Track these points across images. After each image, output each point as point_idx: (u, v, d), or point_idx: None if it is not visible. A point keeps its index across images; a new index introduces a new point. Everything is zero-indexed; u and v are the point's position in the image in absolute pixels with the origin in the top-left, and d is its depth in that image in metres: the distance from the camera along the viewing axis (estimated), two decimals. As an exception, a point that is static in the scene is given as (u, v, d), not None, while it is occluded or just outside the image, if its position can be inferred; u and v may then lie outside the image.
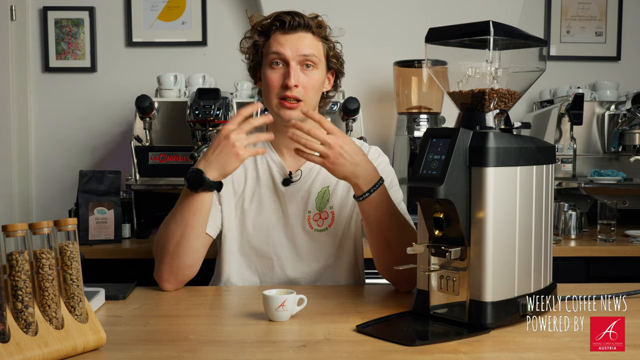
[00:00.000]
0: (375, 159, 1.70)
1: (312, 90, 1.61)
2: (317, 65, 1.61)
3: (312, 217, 1.66)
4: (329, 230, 1.67)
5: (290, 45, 1.59)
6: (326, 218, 1.67)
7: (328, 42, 1.66)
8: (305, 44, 1.59)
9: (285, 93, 1.58)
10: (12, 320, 1.04)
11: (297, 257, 1.67)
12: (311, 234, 1.66)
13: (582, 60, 3.20)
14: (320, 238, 1.67)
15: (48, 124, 3.12)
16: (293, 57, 1.58)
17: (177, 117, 2.62)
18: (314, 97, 1.63)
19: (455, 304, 1.28)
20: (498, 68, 1.31)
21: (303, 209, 1.66)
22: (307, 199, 1.66)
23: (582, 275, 2.39)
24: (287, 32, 1.60)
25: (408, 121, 2.76)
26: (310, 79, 1.60)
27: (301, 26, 1.60)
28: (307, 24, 1.60)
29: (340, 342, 1.18)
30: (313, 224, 1.66)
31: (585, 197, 2.68)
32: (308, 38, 1.61)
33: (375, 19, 3.01)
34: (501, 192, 1.23)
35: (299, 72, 1.59)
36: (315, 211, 1.66)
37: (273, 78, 1.60)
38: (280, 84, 1.59)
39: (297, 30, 1.60)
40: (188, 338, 1.20)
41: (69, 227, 1.13)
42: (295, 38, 1.59)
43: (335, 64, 1.69)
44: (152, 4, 3.08)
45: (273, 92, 1.60)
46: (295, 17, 1.60)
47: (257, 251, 1.67)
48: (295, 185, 1.66)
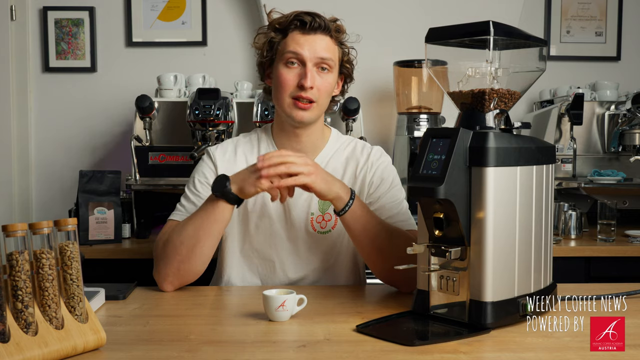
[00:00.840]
0: (377, 159, 1.70)
1: (325, 93, 1.61)
2: (332, 69, 1.61)
3: (315, 220, 1.66)
4: (332, 233, 1.66)
5: (309, 46, 1.58)
6: (329, 220, 1.66)
7: (344, 47, 1.65)
8: (323, 47, 1.59)
9: (300, 93, 1.57)
10: (12, 320, 1.04)
11: (299, 259, 1.66)
12: (314, 236, 1.66)
13: (582, 60, 3.21)
14: (323, 240, 1.66)
15: (48, 124, 3.12)
16: (310, 58, 1.57)
17: (177, 117, 2.62)
18: (325, 100, 1.62)
19: (455, 304, 1.28)
20: (498, 68, 1.31)
21: (306, 211, 1.66)
22: (310, 201, 1.65)
23: (582, 275, 2.39)
24: (307, 32, 1.58)
25: (408, 121, 2.76)
26: (325, 82, 1.60)
27: (321, 28, 1.59)
28: (327, 26, 1.59)
29: (340, 342, 1.18)
30: (316, 226, 1.66)
31: (585, 197, 2.68)
32: (326, 41, 1.60)
33: (375, 19, 3.00)
34: (501, 192, 1.23)
35: (315, 74, 1.58)
36: (318, 213, 1.66)
37: (288, 77, 1.58)
38: (295, 84, 1.58)
39: (316, 32, 1.59)
40: (188, 338, 1.20)
41: (69, 227, 1.13)
42: (313, 39, 1.58)
43: (348, 70, 1.68)
44: (152, 4, 3.08)
45: (287, 91, 1.59)
46: (316, 18, 1.58)
47: (259, 253, 1.67)
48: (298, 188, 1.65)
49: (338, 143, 1.72)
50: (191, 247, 1.51)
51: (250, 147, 1.72)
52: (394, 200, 1.65)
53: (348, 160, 1.70)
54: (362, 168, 1.68)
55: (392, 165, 1.74)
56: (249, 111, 2.56)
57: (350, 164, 1.69)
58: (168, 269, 1.53)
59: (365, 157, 1.70)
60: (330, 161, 1.69)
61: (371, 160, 1.69)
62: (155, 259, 1.59)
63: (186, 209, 1.65)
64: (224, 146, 1.73)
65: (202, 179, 1.68)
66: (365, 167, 1.68)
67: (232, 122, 2.51)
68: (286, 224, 1.66)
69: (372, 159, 1.70)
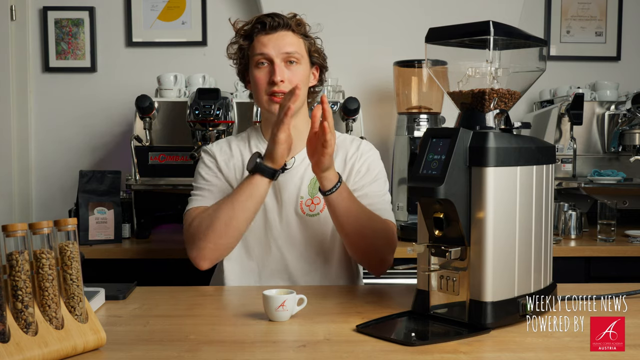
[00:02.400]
0: (367, 150, 1.78)
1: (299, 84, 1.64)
2: (300, 61, 1.70)
3: (304, 203, 1.72)
4: (320, 216, 1.72)
5: (272, 44, 1.68)
6: (318, 204, 1.72)
7: (309, 39, 1.74)
8: (286, 42, 1.68)
9: (273, 89, 1.67)
10: (12, 320, 1.04)
11: (292, 241, 1.72)
12: (304, 218, 1.72)
13: (582, 60, 3.20)
14: (313, 223, 1.72)
15: (48, 124, 3.12)
16: (276, 54, 1.67)
17: (177, 117, 2.62)
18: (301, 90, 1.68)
19: (455, 304, 1.28)
20: (498, 68, 1.31)
21: (296, 194, 1.73)
22: (299, 185, 1.72)
23: (582, 275, 2.39)
24: (269, 32, 1.69)
25: (408, 121, 2.76)
26: (295, 74, 1.69)
27: (281, 25, 1.69)
28: (286, 23, 1.69)
29: (340, 342, 1.18)
30: (305, 209, 1.72)
31: (585, 197, 2.68)
32: (289, 36, 1.69)
33: (375, 19, 3.00)
34: (501, 192, 1.23)
35: (284, 68, 1.68)
36: (307, 197, 1.72)
37: (260, 77, 1.69)
38: (267, 81, 1.68)
39: (277, 30, 1.69)
40: (188, 338, 1.20)
41: (69, 227, 1.13)
42: (276, 37, 1.68)
43: (318, 59, 1.77)
44: (152, 4, 3.08)
45: (262, 89, 1.69)
46: (275, 17, 1.69)
47: (255, 234, 1.72)
48: (289, 172, 1.70)
49: None
50: (226, 222, 1.60)
51: (243, 144, 1.80)
52: (377, 191, 1.73)
53: (337, 149, 1.76)
54: (352, 156, 1.77)
55: (380, 160, 1.82)
56: (249, 111, 2.56)
57: (340, 153, 1.77)
58: (206, 245, 1.61)
59: (355, 147, 1.78)
60: None
61: (361, 151, 1.78)
62: (188, 240, 1.65)
63: (201, 195, 1.72)
64: (219, 144, 1.82)
65: (207, 170, 1.76)
66: (355, 155, 1.77)
67: (232, 122, 2.51)
68: (278, 207, 1.72)
69: (362, 150, 1.78)
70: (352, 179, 1.74)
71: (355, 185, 1.73)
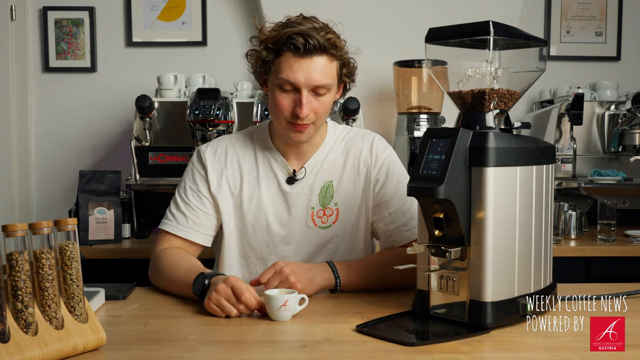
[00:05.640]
0: (382, 151, 1.67)
1: (322, 113, 1.57)
2: (330, 89, 1.55)
3: (315, 214, 1.63)
4: (333, 227, 1.63)
5: (303, 73, 1.49)
6: (330, 215, 1.64)
7: (342, 59, 1.57)
8: (318, 72, 1.50)
9: (295, 121, 1.53)
10: (12, 320, 1.04)
11: (299, 256, 1.63)
12: (315, 231, 1.63)
13: (582, 60, 3.21)
14: (324, 236, 1.63)
15: (48, 124, 3.12)
16: (305, 85, 1.50)
17: (177, 117, 2.62)
18: (324, 117, 1.59)
19: (455, 304, 1.28)
20: (498, 68, 1.31)
21: (307, 206, 1.63)
22: (310, 195, 1.63)
23: (582, 275, 2.39)
24: (301, 56, 1.49)
25: (408, 121, 2.76)
26: (322, 104, 1.54)
27: (316, 49, 1.49)
28: (322, 45, 1.49)
29: (340, 342, 1.18)
30: (317, 221, 1.63)
31: (585, 197, 2.68)
32: (321, 63, 1.51)
33: (375, 19, 3.00)
34: (501, 192, 1.23)
35: (311, 99, 1.52)
36: (318, 207, 1.63)
37: (284, 102, 1.53)
38: (290, 109, 1.53)
39: (311, 55, 1.49)
40: (188, 338, 1.20)
41: (69, 227, 1.13)
42: (308, 65, 1.49)
43: (348, 77, 1.62)
44: (152, 4, 3.08)
45: (282, 115, 1.54)
46: (309, 40, 1.48)
47: (257, 253, 1.65)
48: (300, 183, 1.63)
49: (336, 134, 1.70)
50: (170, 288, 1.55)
51: (244, 148, 1.68)
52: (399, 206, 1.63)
53: (348, 149, 1.67)
54: (366, 162, 1.65)
55: (396, 158, 1.70)
56: (249, 111, 2.56)
57: (351, 154, 1.66)
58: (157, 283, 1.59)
59: (368, 146, 1.67)
60: (330, 154, 1.67)
61: (375, 153, 1.66)
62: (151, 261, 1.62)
63: (176, 219, 1.64)
64: (214, 144, 1.69)
65: (194, 187, 1.65)
66: (369, 161, 1.65)
67: (232, 122, 2.51)
68: (286, 221, 1.63)
69: (375, 151, 1.66)
70: (371, 189, 1.64)
71: (377, 199, 1.64)
